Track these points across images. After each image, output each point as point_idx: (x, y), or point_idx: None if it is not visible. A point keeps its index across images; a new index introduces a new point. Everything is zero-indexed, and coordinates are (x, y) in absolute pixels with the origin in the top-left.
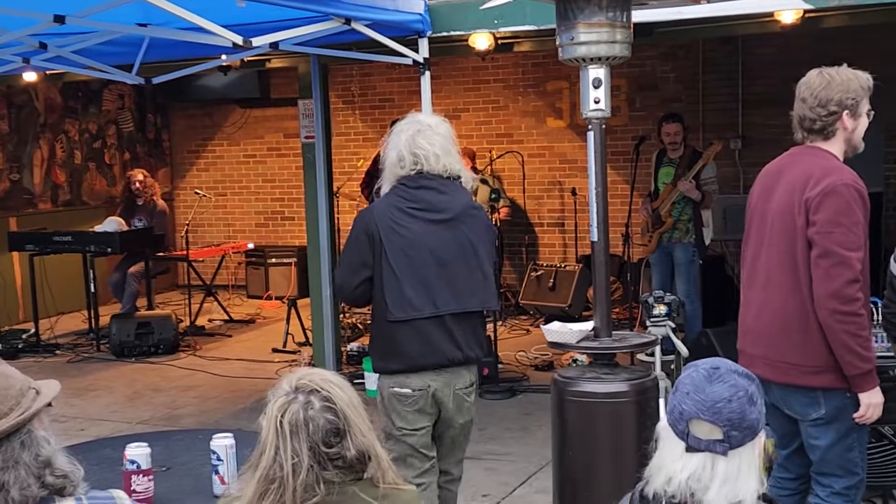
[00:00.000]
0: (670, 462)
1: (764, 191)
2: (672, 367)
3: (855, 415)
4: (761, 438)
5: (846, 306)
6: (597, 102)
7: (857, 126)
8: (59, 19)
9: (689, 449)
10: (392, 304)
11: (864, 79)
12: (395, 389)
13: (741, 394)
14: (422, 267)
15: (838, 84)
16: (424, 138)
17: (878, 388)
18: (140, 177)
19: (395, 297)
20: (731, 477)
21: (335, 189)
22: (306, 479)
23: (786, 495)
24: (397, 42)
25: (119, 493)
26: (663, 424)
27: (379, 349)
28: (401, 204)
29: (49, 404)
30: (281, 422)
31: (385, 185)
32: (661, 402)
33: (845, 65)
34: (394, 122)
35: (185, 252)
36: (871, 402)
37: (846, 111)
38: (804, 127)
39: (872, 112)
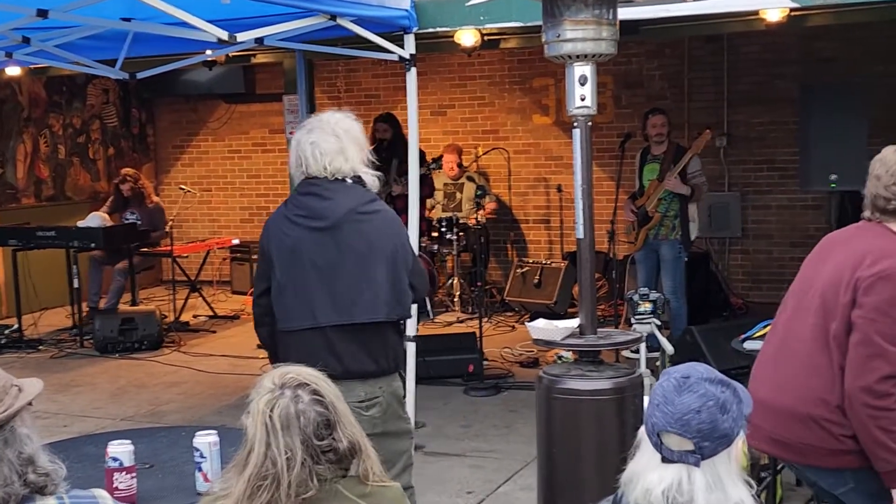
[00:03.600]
0: (647, 472)
1: (819, 256)
2: (657, 364)
3: None
4: (738, 444)
5: (879, 401)
6: (583, 99)
7: None
8: (43, 13)
9: (664, 460)
10: (278, 314)
11: None
12: None
13: (711, 403)
14: (302, 277)
15: None
16: (309, 138)
17: None
18: (127, 185)
19: (280, 307)
20: (714, 485)
21: None
22: (300, 474)
23: None
24: (383, 38)
25: (101, 493)
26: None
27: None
28: (288, 212)
29: (29, 403)
30: (270, 417)
31: None
32: (646, 399)
33: None
34: (377, 119)
35: (169, 247)
36: None
37: None
38: (877, 206)
39: None
